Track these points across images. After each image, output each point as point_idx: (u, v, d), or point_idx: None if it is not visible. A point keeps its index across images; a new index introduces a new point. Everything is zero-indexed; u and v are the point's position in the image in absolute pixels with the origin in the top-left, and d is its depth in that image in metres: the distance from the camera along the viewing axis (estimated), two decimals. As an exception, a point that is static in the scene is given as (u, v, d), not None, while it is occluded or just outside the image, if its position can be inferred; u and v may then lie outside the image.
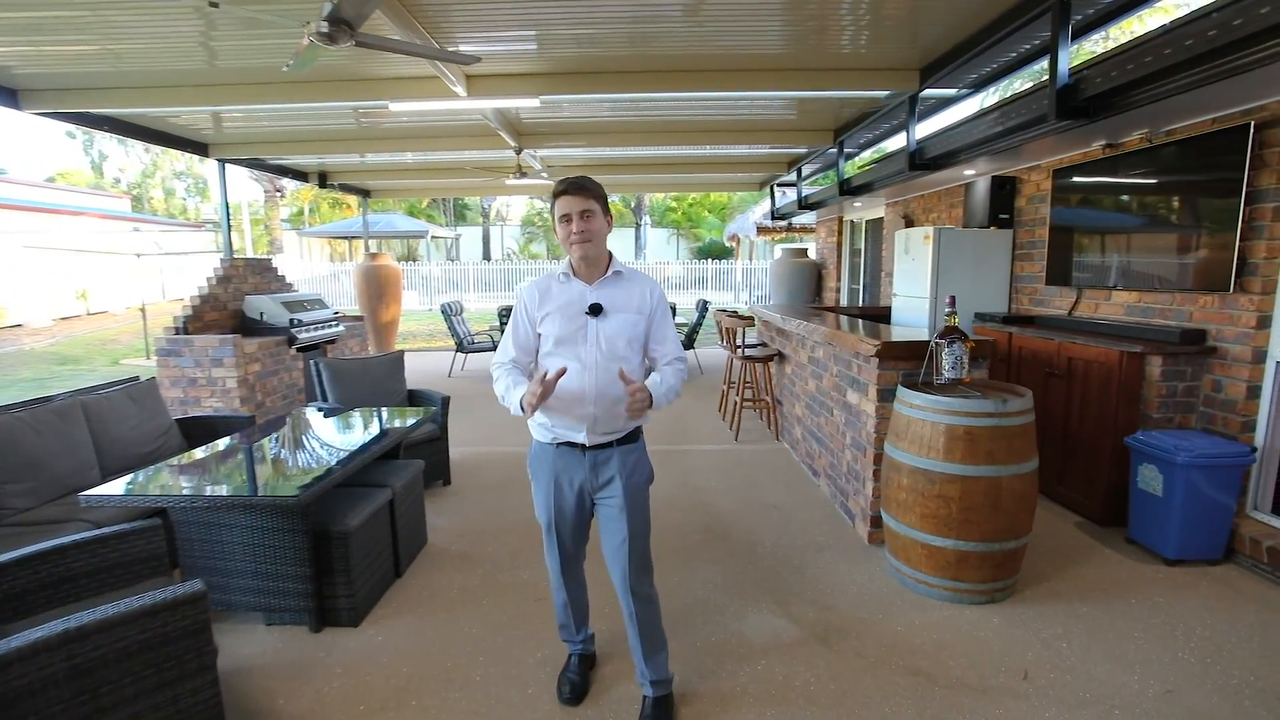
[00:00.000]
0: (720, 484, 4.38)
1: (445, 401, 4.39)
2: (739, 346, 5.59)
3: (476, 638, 2.60)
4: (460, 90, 4.61)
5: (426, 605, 2.86)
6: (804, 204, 8.47)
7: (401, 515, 3.15)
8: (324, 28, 2.60)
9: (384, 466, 3.33)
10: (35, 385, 8.29)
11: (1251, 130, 3.06)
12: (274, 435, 3.38)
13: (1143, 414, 3.45)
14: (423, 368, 9.36)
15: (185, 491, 2.52)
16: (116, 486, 2.56)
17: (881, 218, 7.90)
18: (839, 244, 9.60)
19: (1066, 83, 3.25)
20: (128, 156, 28.96)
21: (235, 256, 6.64)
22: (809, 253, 11.13)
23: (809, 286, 10.18)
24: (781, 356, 5.46)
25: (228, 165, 7.24)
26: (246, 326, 6.26)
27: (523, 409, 1.88)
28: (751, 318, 6.03)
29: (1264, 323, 3.13)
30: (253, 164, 7.65)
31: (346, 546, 2.65)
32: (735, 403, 5.70)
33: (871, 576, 3.06)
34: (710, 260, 22.95)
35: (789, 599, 2.87)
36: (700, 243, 29.86)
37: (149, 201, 28.32)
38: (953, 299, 2.98)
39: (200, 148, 6.68)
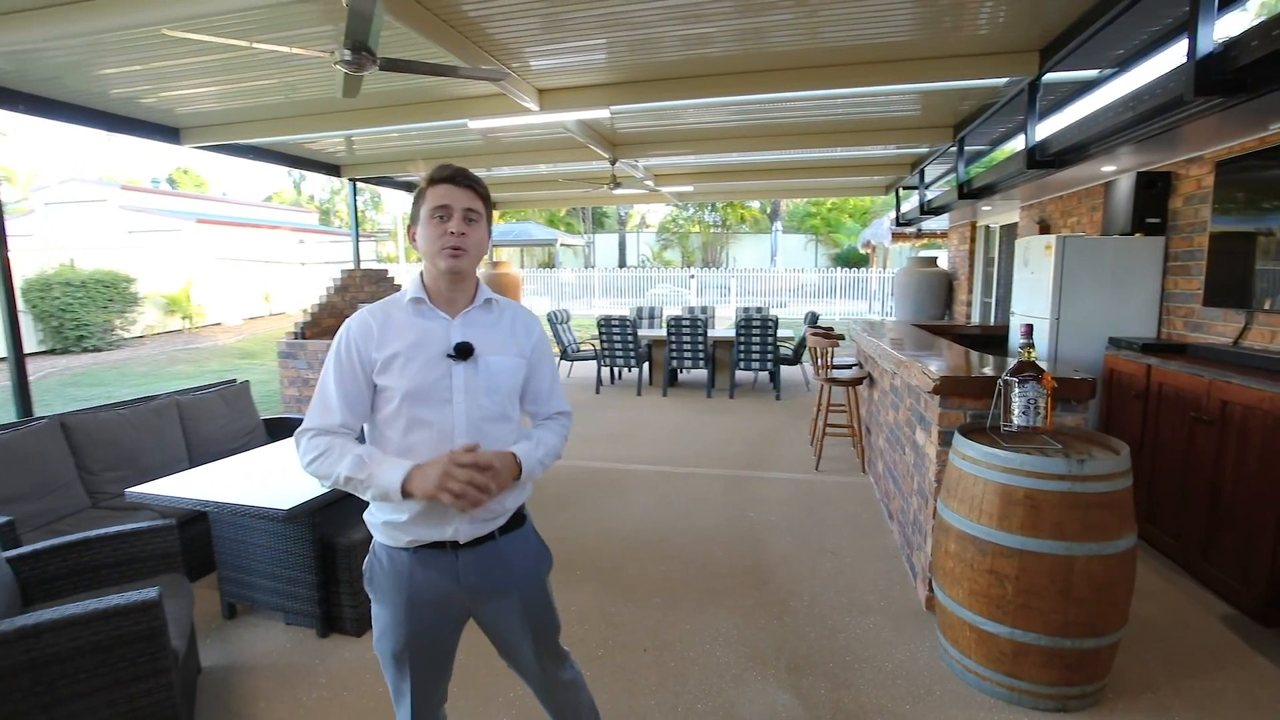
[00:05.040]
0: (782, 519, 3.99)
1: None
2: (827, 367, 5.13)
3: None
4: (532, 105, 4.65)
5: (432, 623, 2.85)
6: (925, 208, 7.66)
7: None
8: (346, 55, 2.68)
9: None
10: (215, 376, 9.68)
11: None
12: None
13: (1321, 482, 2.61)
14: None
15: (218, 496, 2.69)
16: (158, 486, 2.80)
17: (1016, 223, 6.91)
18: (971, 252, 8.57)
19: (1211, 51, 2.55)
20: (319, 177, 33.49)
21: (357, 267, 7.28)
22: (939, 262, 10.03)
23: (938, 299, 9.17)
24: (871, 380, 4.92)
25: (358, 184, 7.99)
26: (362, 332, 6.82)
27: (407, 495, 1.36)
28: (842, 336, 5.50)
29: None
30: (381, 181, 8.37)
31: (350, 559, 2.71)
32: (820, 428, 5.22)
33: (916, 653, 2.59)
34: (842, 269, 21.65)
35: (804, 667, 2.50)
36: (839, 249, 28.35)
37: (335, 215, 32.34)
38: (1029, 329, 2.44)
39: (333, 169, 7.42)
